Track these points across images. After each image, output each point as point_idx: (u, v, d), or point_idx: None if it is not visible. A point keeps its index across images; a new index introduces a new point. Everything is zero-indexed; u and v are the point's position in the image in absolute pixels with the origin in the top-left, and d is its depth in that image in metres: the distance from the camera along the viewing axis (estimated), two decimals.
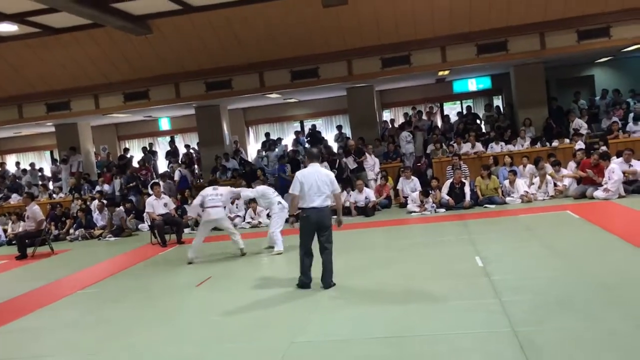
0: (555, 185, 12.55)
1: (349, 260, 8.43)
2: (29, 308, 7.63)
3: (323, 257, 6.99)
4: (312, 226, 6.92)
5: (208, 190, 9.85)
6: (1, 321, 7.06)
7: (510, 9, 13.32)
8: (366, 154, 14.79)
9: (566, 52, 14.37)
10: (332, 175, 7.16)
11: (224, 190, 9.99)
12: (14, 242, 13.49)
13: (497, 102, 20.38)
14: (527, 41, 14.19)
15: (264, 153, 18.66)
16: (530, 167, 13.05)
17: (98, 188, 16.70)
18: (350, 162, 14.71)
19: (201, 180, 17.11)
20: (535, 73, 16.03)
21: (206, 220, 9.70)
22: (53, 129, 19.05)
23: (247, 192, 10.58)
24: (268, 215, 11.31)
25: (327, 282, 6.97)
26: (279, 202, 9.83)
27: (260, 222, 13.10)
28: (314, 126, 19.94)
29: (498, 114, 17.81)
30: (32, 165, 20.88)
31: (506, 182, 12.73)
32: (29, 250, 12.28)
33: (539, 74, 16.11)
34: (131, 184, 16.46)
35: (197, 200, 9.94)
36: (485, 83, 19.71)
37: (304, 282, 7.02)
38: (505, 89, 19.29)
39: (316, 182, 6.91)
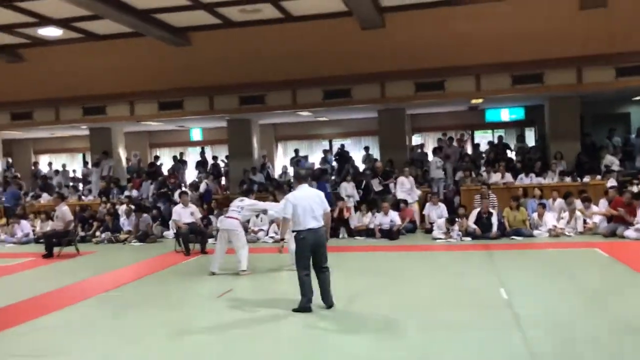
0: (584, 222, 12.34)
1: (369, 283, 8.40)
2: (52, 306, 7.73)
3: (321, 277, 6.99)
4: (309, 247, 6.90)
5: (235, 201, 9.91)
6: (24, 318, 7.16)
7: (548, 41, 13.25)
8: (402, 177, 14.55)
9: (603, 88, 14.23)
10: (322, 194, 7.21)
11: (249, 202, 9.88)
12: (41, 241, 13.71)
13: (530, 133, 20.19)
14: (563, 74, 14.07)
15: (288, 168, 18.79)
16: (559, 201, 12.87)
17: (127, 193, 16.92)
18: (376, 184, 14.66)
19: (228, 192, 17.22)
20: (571, 107, 15.85)
21: (220, 229, 9.74)
22: (87, 132, 19.42)
23: (272, 212, 10.22)
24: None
25: (329, 301, 6.97)
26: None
27: (284, 239, 13.06)
28: (342, 145, 19.98)
29: (530, 147, 17.63)
30: (64, 166, 21.33)
31: (534, 215, 12.56)
32: (56, 250, 12.46)
33: (574, 108, 15.94)
34: (162, 190, 16.62)
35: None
36: (518, 114, 19.56)
37: (306, 305, 6.88)
38: (538, 121, 19.10)
39: (309, 204, 6.93)
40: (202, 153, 20.91)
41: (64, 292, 8.75)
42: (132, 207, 15.05)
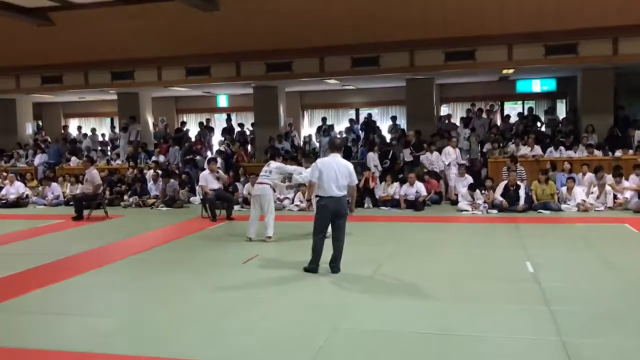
0: (615, 197, 12.13)
1: (393, 252, 8.43)
2: (81, 268, 7.91)
3: (335, 245, 7.18)
4: (329, 214, 7.09)
5: (264, 167, 10.00)
6: (54, 279, 7.34)
7: (583, 10, 12.84)
8: (449, 146, 14.39)
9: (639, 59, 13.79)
10: (351, 166, 7.29)
11: (275, 165, 9.92)
12: (71, 204, 13.97)
13: (561, 105, 19.78)
14: (598, 45, 13.67)
15: (314, 138, 18.73)
16: (589, 175, 12.64)
17: (154, 158, 17.08)
18: (407, 155, 14.53)
19: (254, 159, 17.27)
20: (604, 79, 15.45)
21: (252, 194, 9.90)
22: (115, 97, 19.57)
23: (297, 175, 10.29)
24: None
25: (337, 267, 7.18)
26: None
27: (310, 200, 13.14)
28: (369, 115, 19.80)
29: (561, 119, 17.28)
30: (93, 130, 21.56)
31: (563, 189, 12.38)
32: (85, 213, 12.70)
33: (608, 80, 15.53)
34: (188, 157, 16.73)
35: None
36: (550, 85, 19.12)
37: (314, 267, 7.19)
38: (570, 93, 18.69)
39: (335, 172, 7.05)
40: (229, 120, 20.94)
41: (93, 254, 8.94)
42: (159, 172, 15.21)
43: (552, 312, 5.49)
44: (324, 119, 19.90)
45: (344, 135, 18.45)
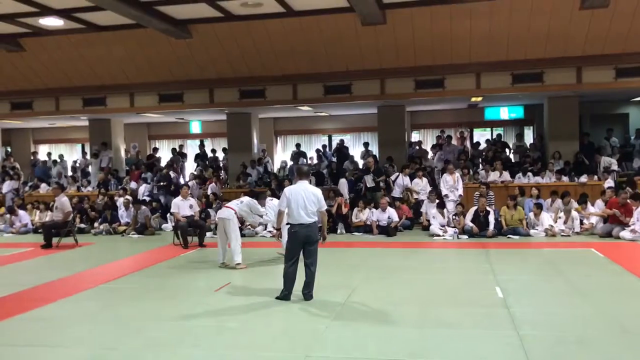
0: (581, 222, 12.41)
1: (366, 277, 8.48)
2: (50, 297, 7.78)
3: (307, 272, 7.24)
4: (300, 241, 7.17)
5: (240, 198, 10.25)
6: (22, 309, 7.21)
7: (548, 41, 13.27)
8: (446, 174, 14.14)
9: (603, 87, 14.25)
10: (319, 192, 7.37)
11: (247, 201, 10.05)
12: (40, 231, 13.75)
13: (528, 132, 20.25)
14: (563, 74, 14.10)
15: (288, 164, 18.81)
16: (558, 202, 12.86)
17: (124, 185, 16.94)
18: (369, 180, 14.71)
19: (227, 185, 17.25)
20: (570, 106, 15.93)
21: (217, 218, 10.01)
22: (87, 123, 19.42)
23: (267, 217, 10.53)
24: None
25: (309, 294, 7.23)
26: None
27: (279, 229, 13.15)
28: (342, 141, 20.01)
29: (528, 146, 17.69)
30: (61, 157, 21.26)
31: (531, 215, 12.63)
32: (54, 240, 12.51)
33: (573, 107, 16.01)
34: (162, 183, 16.60)
35: None
36: (517, 112, 19.61)
37: (286, 294, 7.22)
38: (537, 120, 19.17)
39: (303, 199, 7.15)
40: (202, 146, 20.93)
41: (62, 283, 8.80)
42: (130, 199, 15.08)
43: (520, 337, 5.58)
44: (297, 145, 20.02)
45: (315, 161, 18.56)
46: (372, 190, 14.47)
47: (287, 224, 7.35)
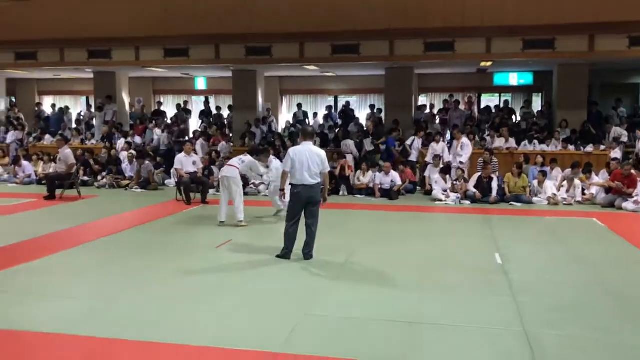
0: (583, 191, 12.37)
1: (366, 240, 8.53)
2: (53, 248, 7.85)
3: (308, 232, 7.33)
4: (302, 201, 7.23)
5: (241, 156, 10.16)
6: (25, 258, 7.28)
7: (561, 6, 13.01)
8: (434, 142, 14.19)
9: (615, 56, 14.03)
10: (323, 154, 7.42)
11: (249, 160, 9.95)
12: (43, 182, 13.81)
13: (537, 99, 20.03)
14: (575, 41, 13.85)
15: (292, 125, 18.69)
16: (567, 171, 12.75)
17: (129, 139, 16.91)
18: (368, 144, 14.60)
19: (231, 144, 17.21)
20: (580, 75, 15.69)
21: (220, 176, 9.98)
22: (91, 76, 19.28)
23: (267, 177, 10.46)
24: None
25: (309, 253, 7.31)
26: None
27: (283, 189, 13.19)
28: (347, 103, 19.83)
29: (536, 113, 17.53)
30: (66, 108, 21.12)
31: (535, 182, 12.59)
32: (58, 192, 12.56)
33: (583, 76, 15.78)
34: (181, 139, 16.42)
35: None
36: (526, 79, 19.34)
37: (286, 253, 7.32)
38: (546, 87, 18.94)
39: (307, 160, 7.19)
40: (207, 102, 20.79)
41: (65, 235, 8.87)
42: (135, 153, 15.07)
43: (517, 303, 5.63)
44: (299, 105, 19.87)
45: (320, 122, 18.45)
46: (371, 153, 14.42)
47: (290, 184, 7.37)
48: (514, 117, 17.73)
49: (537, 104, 19.72)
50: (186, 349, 4.58)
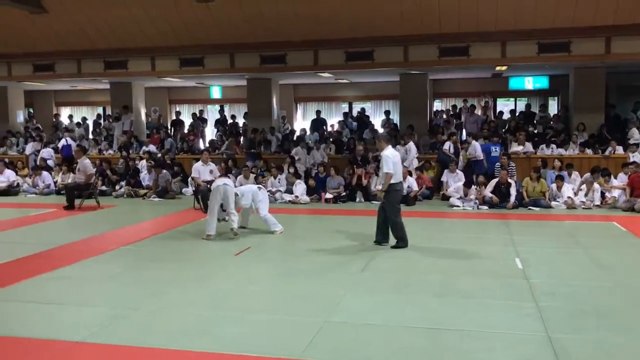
0: (603, 195, 12.24)
1: (385, 247, 8.49)
2: (74, 257, 7.92)
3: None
4: (401, 197, 8.59)
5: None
6: (47, 268, 7.36)
7: (577, 9, 12.92)
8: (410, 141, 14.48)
9: (632, 58, 13.87)
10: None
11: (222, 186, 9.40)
12: (62, 192, 13.94)
13: (553, 103, 19.90)
14: (591, 44, 13.74)
15: (307, 133, 18.62)
16: (587, 175, 12.62)
17: (144, 148, 17.04)
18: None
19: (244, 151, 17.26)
20: (596, 77, 15.57)
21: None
22: (108, 86, 19.49)
23: (244, 203, 9.68)
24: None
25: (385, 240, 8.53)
26: (259, 188, 9.82)
27: (297, 196, 13.25)
28: (363, 109, 19.84)
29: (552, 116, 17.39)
30: (84, 119, 21.40)
31: (553, 186, 12.48)
32: (77, 202, 12.68)
33: (599, 78, 15.65)
34: (252, 150, 16.37)
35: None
36: (542, 83, 19.24)
37: (405, 241, 8.29)
38: (562, 91, 18.81)
39: (399, 161, 8.43)
40: (222, 111, 20.91)
41: (85, 244, 8.95)
42: (152, 162, 15.17)
43: (539, 308, 5.58)
44: (318, 112, 19.84)
45: (337, 128, 18.45)
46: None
47: (391, 184, 8.16)
48: (534, 121, 17.54)
49: (553, 107, 19.59)
50: (207, 356, 4.59)
